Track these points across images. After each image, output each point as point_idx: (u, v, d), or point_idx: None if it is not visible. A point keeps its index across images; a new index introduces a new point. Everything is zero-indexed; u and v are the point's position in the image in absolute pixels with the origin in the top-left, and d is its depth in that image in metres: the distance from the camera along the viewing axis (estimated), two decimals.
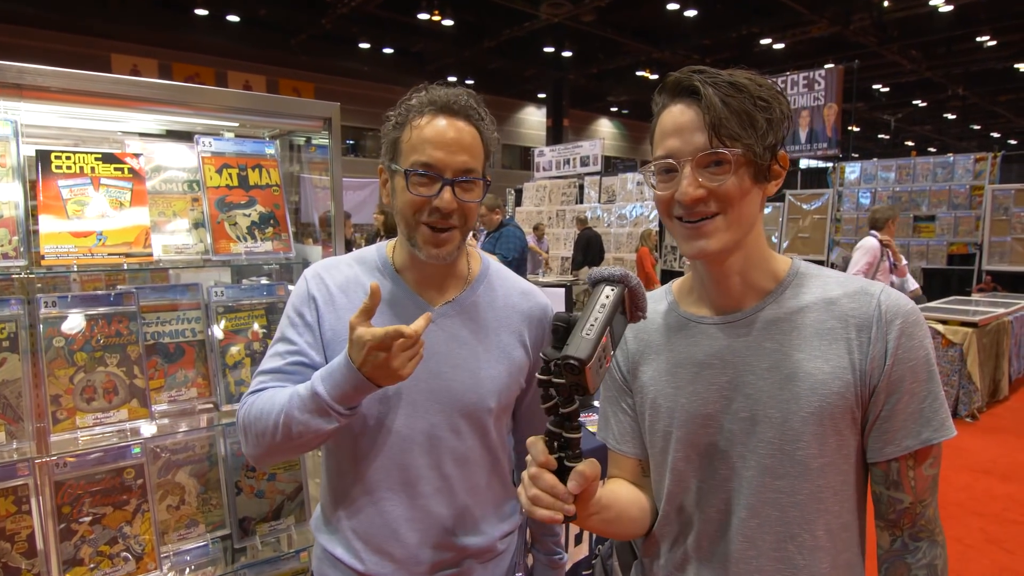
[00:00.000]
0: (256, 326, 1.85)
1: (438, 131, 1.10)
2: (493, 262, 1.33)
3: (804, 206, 9.95)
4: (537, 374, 0.83)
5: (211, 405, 1.80)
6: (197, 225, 1.80)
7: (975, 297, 7.04)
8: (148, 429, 1.68)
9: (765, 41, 16.10)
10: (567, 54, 18.05)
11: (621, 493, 1.05)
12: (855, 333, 0.91)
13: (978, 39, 15.50)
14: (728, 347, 0.98)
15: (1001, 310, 5.80)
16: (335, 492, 1.23)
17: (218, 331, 1.79)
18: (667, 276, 10.56)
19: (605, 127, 26.83)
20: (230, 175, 1.80)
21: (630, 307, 0.87)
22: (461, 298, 1.23)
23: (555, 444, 0.83)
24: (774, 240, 10.28)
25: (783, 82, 10.19)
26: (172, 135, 2.00)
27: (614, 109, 26.15)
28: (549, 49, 17.71)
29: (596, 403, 3.04)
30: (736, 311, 0.99)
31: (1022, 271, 8.05)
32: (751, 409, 0.94)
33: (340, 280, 1.23)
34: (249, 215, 1.81)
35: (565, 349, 0.77)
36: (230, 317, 1.83)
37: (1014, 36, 15.18)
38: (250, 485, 1.87)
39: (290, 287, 1.95)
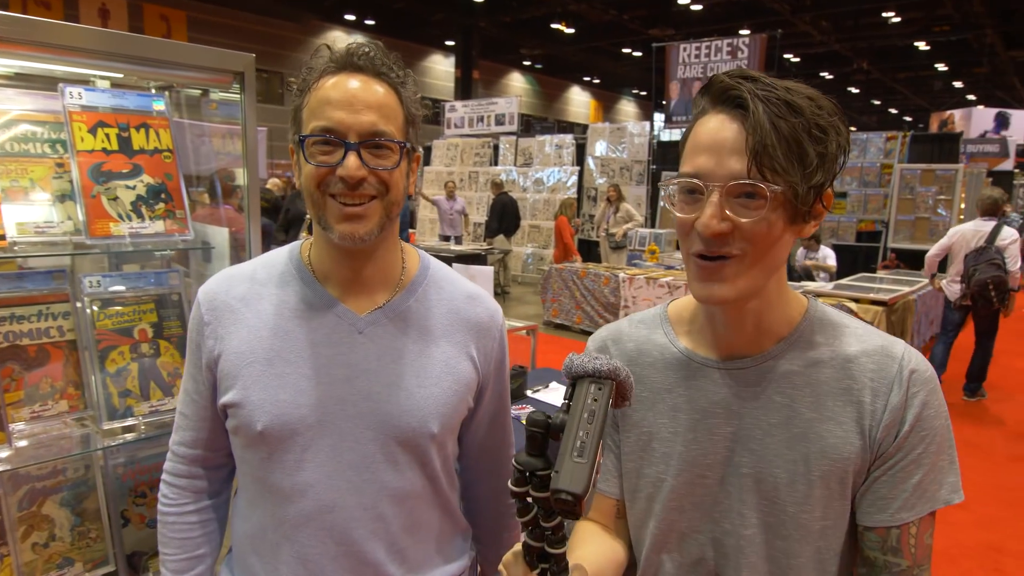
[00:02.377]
0: (145, 323, 1.60)
1: (340, 90, 0.98)
2: (434, 261, 1.20)
3: None
4: (511, 484, 0.76)
5: (87, 420, 1.55)
6: (63, 198, 1.51)
7: (880, 274, 7.60)
8: (5, 455, 1.42)
9: (683, 1, 16.44)
10: None
11: (601, 561, 0.99)
12: (870, 398, 0.88)
13: (884, 14, 16.57)
14: (735, 396, 0.94)
15: (907, 288, 6.28)
16: (248, 536, 1.10)
17: (92, 330, 1.53)
18: (583, 246, 10.69)
19: (518, 82, 26.60)
20: (107, 136, 1.52)
21: (616, 398, 0.78)
22: (394, 303, 1.09)
23: (535, 558, 0.78)
24: None
25: (706, 48, 10.42)
26: (24, 79, 1.66)
27: (527, 63, 25.95)
28: None
29: (529, 392, 2.97)
30: (745, 356, 0.94)
31: (924, 249, 8.76)
32: (755, 466, 0.92)
33: (239, 292, 1.08)
34: (134, 187, 1.54)
35: (556, 480, 0.68)
36: (110, 313, 1.57)
37: (916, 14, 16.37)
38: (139, 513, 1.65)
39: (182, 275, 1.70)
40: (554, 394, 2.94)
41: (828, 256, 6.90)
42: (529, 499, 0.75)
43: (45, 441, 1.52)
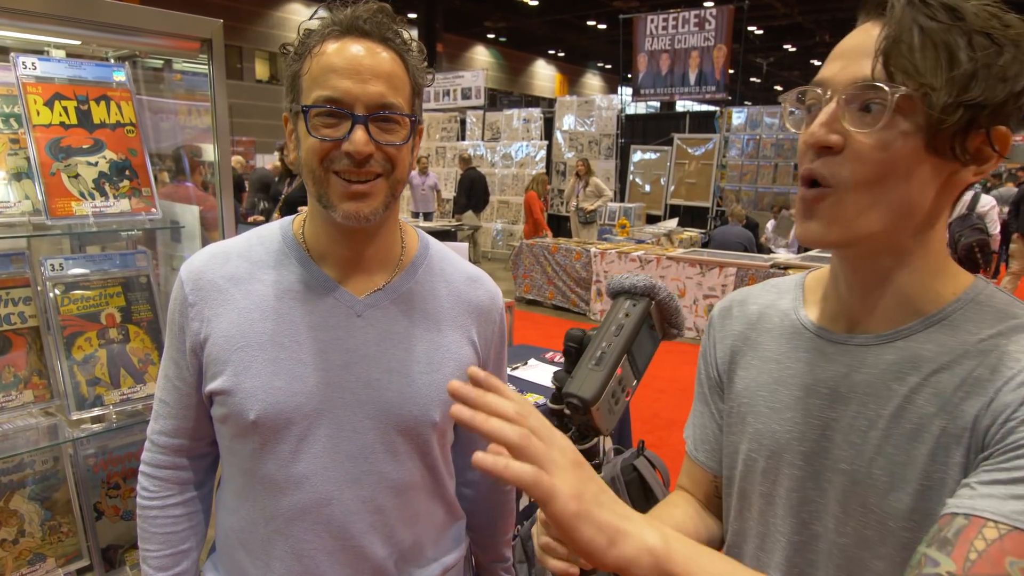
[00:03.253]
0: (112, 308, 1.53)
1: (345, 57, 0.91)
2: (433, 240, 1.15)
3: (691, 151, 10.35)
4: (548, 402, 0.73)
5: (53, 411, 1.48)
6: (19, 176, 1.43)
7: None
8: None
9: None
10: None
11: (688, 526, 0.91)
12: (1010, 397, 0.66)
13: None
14: (845, 377, 0.78)
15: None
16: (236, 530, 1.05)
17: (56, 315, 1.45)
18: (553, 221, 10.66)
19: (482, 56, 26.23)
20: (65, 109, 1.43)
21: (660, 322, 0.76)
22: (394, 285, 1.04)
23: None
24: (662, 183, 10.67)
25: (673, 20, 10.38)
26: None
27: (492, 36, 25.59)
28: None
29: (509, 370, 2.94)
30: (870, 332, 0.77)
31: None
32: (852, 462, 0.75)
33: (228, 272, 1.02)
34: (96, 164, 1.46)
35: (568, 384, 0.69)
36: (75, 297, 1.49)
37: None
38: (114, 506, 1.59)
39: (147, 257, 1.63)
40: (533, 371, 2.93)
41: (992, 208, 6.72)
42: (565, 419, 0.74)
43: (10, 433, 1.45)
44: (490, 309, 1.12)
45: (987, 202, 5.63)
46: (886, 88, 0.64)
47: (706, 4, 10.76)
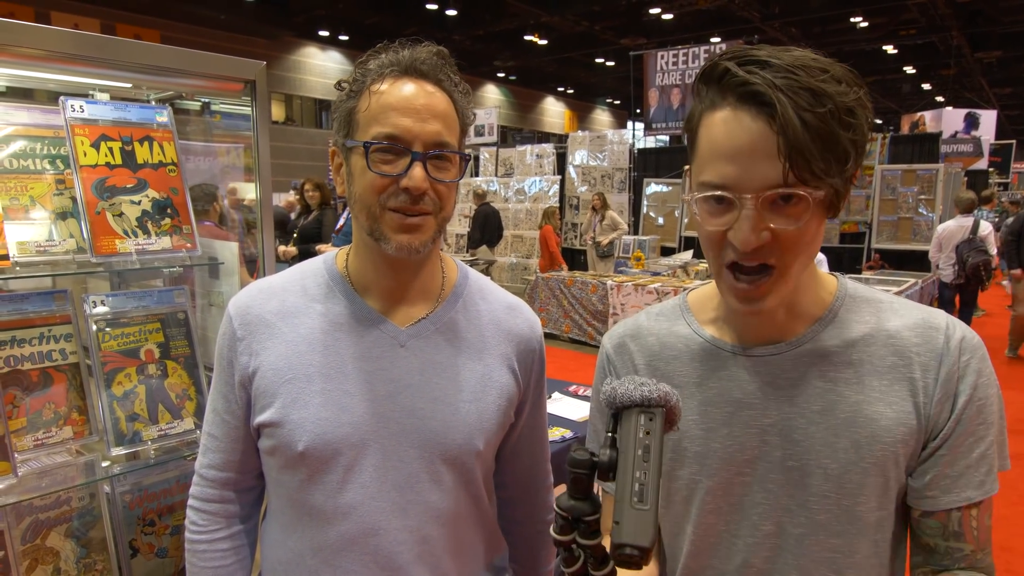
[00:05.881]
0: (151, 344, 1.55)
1: (404, 96, 0.94)
2: (472, 271, 1.17)
3: None
4: (554, 533, 0.70)
5: (87, 448, 1.49)
6: (64, 215, 1.46)
7: (866, 275, 7.71)
8: (6, 485, 1.35)
9: (654, 11, 16.65)
10: (451, 12, 17.67)
11: None
12: (920, 373, 0.84)
13: (851, 20, 16.92)
14: (771, 384, 0.88)
15: (893, 288, 6.38)
16: (283, 563, 1.05)
17: (97, 352, 1.47)
18: (567, 255, 10.70)
19: (493, 94, 26.71)
20: (111, 150, 1.47)
21: (664, 426, 0.73)
22: (437, 315, 1.06)
23: None
24: (676, 216, 10.70)
25: (684, 55, 10.55)
26: (16, 93, 1.61)
27: (501, 75, 26.06)
28: (432, 6, 17.25)
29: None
30: (778, 341, 0.89)
31: (907, 249, 8.98)
32: (801, 458, 0.86)
33: (275, 306, 1.04)
34: (139, 203, 1.50)
35: (617, 533, 0.61)
36: (115, 334, 1.52)
37: (883, 18, 16.74)
38: (149, 543, 1.59)
39: (187, 293, 1.65)
40: (559, 404, 2.91)
41: (820, 263, 6.97)
42: (575, 547, 0.69)
43: (49, 470, 1.46)
44: (530, 338, 1.13)
45: (986, 228, 6.70)
46: (806, 194, 0.74)
47: (713, 40, 10.92)
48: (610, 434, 0.68)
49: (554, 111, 30.55)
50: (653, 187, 11.01)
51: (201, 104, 1.73)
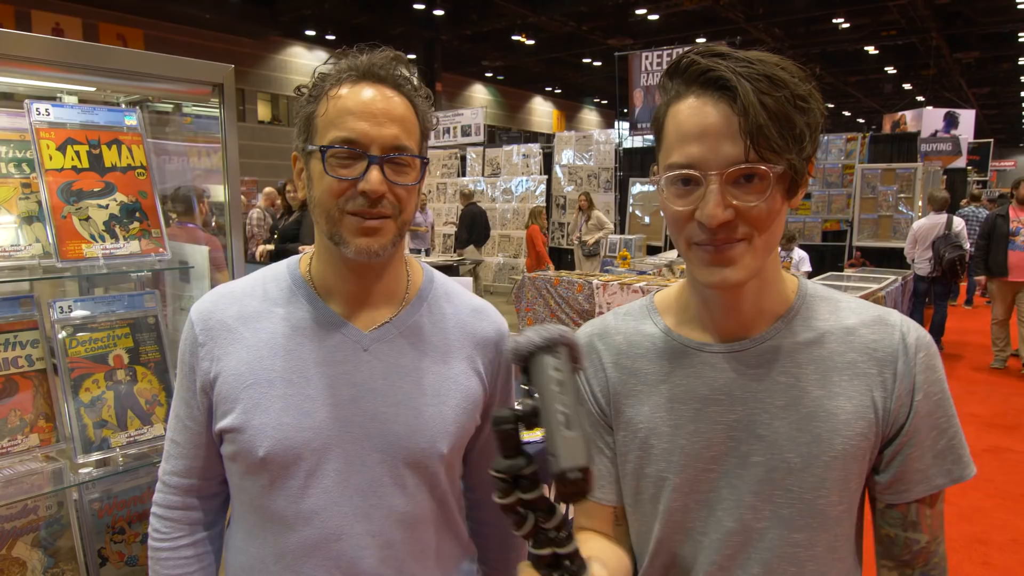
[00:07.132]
0: (120, 349, 1.52)
1: (361, 101, 0.94)
2: (438, 274, 1.16)
3: None
4: (497, 499, 0.69)
5: (55, 455, 1.47)
6: (31, 220, 1.43)
7: (848, 272, 7.75)
8: None
9: (640, 12, 16.70)
10: (439, 12, 17.63)
11: (612, 559, 0.94)
12: (877, 368, 0.87)
13: (834, 20, 17.05)
14: (736, 381, 0.90)
15: (875, 286, 6.41)
16: (245, 569, 1.03)
17: (64, 358, 1.44)
18: (554, 254, 10.69)
19: (480, 93, 26.66)
20: (77, 154, 1.45)
21: (577, 364, 0.74)
22: (400, 318, 1.05)
23: (547, 567, 0.70)
24: (661, 215, 10.72)
25: (668, 56, 10.56)
26: None
27: (489, 75, 26.03)
28: (420, 6, 17.20)
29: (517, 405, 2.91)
30: (743, 338, 0.91)
31: (888, 246, 9.07)
32: (765, 453, 0.87)
33: (236, 311, 1.03)
34: (107, 206, 1.47)
35: (555, 463, 0.63)
36: (83, 339, 1.49)
37: (864, 20, 16.89)
38: (118, 551, 1.56)
39: (155, 298, 1.63)
40: None
41: (802, 261, 7.05)
42: (521, 508, 0.69)
43: (15, 478, 1.43)
44: (496, 340, 1.12)
45: (959, 223, 7.10)
46: (766, 168, 0.78)
47: (698, 41, 10.95)
48: (524, 387, 0.70)
49: (542, 110, 30.55)
50: (639, 186, 11.03)
51: (176, 107, 1.71)
